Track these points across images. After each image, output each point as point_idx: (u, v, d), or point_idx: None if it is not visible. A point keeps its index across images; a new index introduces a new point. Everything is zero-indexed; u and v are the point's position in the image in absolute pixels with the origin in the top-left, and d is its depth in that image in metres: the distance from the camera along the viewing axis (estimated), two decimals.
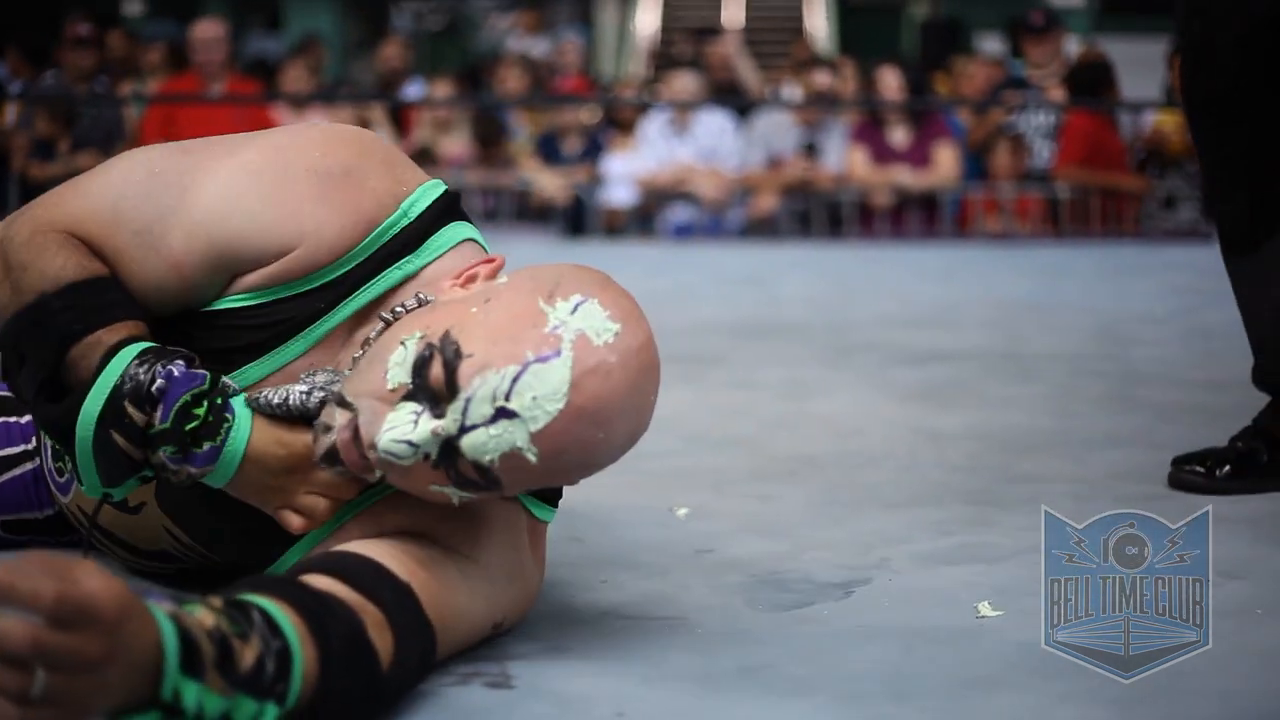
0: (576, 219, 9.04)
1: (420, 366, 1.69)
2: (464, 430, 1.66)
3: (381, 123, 9.19)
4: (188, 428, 1.76)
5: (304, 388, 1.80)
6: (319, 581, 1.65)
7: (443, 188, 1.93)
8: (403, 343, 1.71)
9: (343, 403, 1.74)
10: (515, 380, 1.65)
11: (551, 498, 2.01)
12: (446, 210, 1.91)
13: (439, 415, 1.67)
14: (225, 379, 1.81)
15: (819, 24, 17.40)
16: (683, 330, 4.63)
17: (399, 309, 1.82)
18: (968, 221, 8.95)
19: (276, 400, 1.80)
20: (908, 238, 8.73)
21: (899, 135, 9.03)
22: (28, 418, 2.22)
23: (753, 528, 2.52)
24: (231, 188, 1.84)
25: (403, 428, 1.68)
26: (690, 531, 2.52)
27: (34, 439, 2.23)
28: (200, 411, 1.77)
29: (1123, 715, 1.66)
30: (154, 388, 1.75)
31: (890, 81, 9.09)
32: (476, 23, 17.50)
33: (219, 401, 1.78)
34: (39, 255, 1.82)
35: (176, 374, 1.75)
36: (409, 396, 1.69)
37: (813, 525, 2.54)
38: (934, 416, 3.45)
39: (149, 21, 15.10)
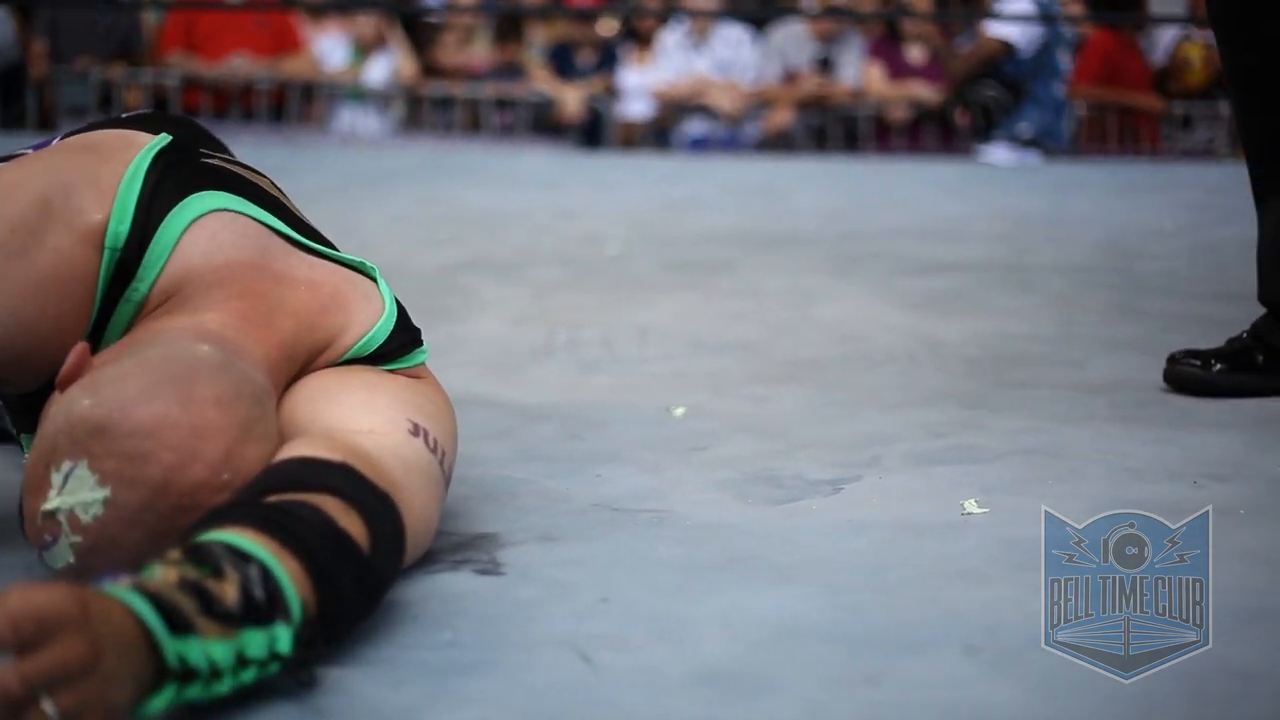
0: (592, 132, 9.02)
1: None
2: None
3: (398, 36, 9.16)
4: None
5: None
6: (263, 497, 1.62)
7: (141, 170, 1.86)
8: None
9: None
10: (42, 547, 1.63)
11: (412, 343, 1.98)
12: (151, 205, 1.84)
13: None
14: None
15: None
16: (692, 239, 4.64)
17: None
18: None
19: None
20: (924, 153, 8.70)
21: (916, 51, 8.99)
22: None
23: (747, 427, 2.54)
24: None
25: None
26: (685, 430, 2.54)
27: None
28: None
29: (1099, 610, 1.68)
30: None
31: None
32: None
33: None
34: None
35: None
36: None
37: (807, 425, 2.56)
38: (935, 324, 3.46)
39: None
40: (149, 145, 1.88)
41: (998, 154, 8.27)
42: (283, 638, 1.47)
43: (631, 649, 1.59)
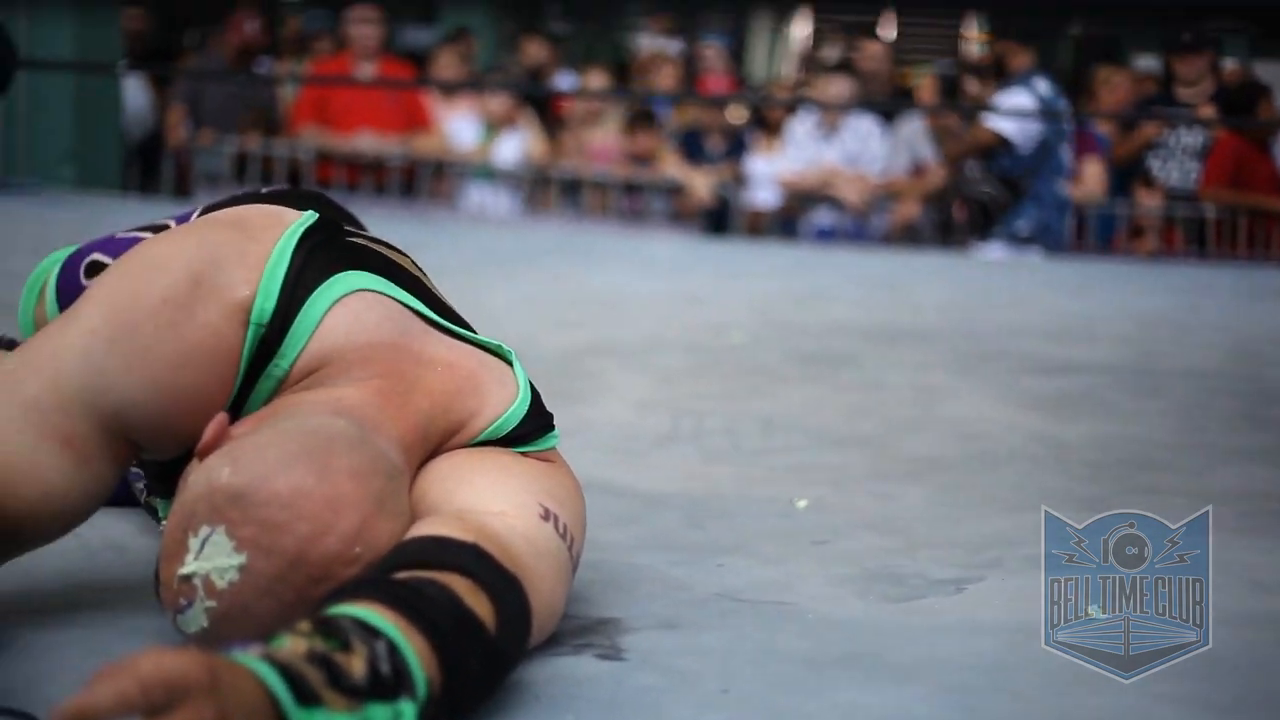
0: (719, 218, 9.06)
1: None
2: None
3: (529, 116, 9.26)
4: None
5: None
6: (392, 574, 1.64)
7: (289, 248, 1.89)
8: None
9: None
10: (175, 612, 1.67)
11: (544, 428, 2.00)
12: (297, 284, 1.87)
13: None
14: None
15: (972, 36, 17.31)
16: (816, 330, 4.66)
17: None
18: (1115, 244, 8.86)
19: None
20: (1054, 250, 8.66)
21: None
22: None
23: (870, 523, 2.55)
24: (97, 365, 1.81)
25: None
26: (808, 523, 2.55)
27: None
28: None
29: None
30: None
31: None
32: (627, 23, 17.56)
33: None
34: None
35: None
36: None
37: (929, 524, 2.57)
38: (1059, 425, 3.45)
39: (306, 11, 15.29)
40: (296, 224, 1.92)
41: (993, 251, 8.22)
42: (407, 713, 1.48)
43: None
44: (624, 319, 4.67)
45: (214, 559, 1.63)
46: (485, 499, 1.82)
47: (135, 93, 9.45)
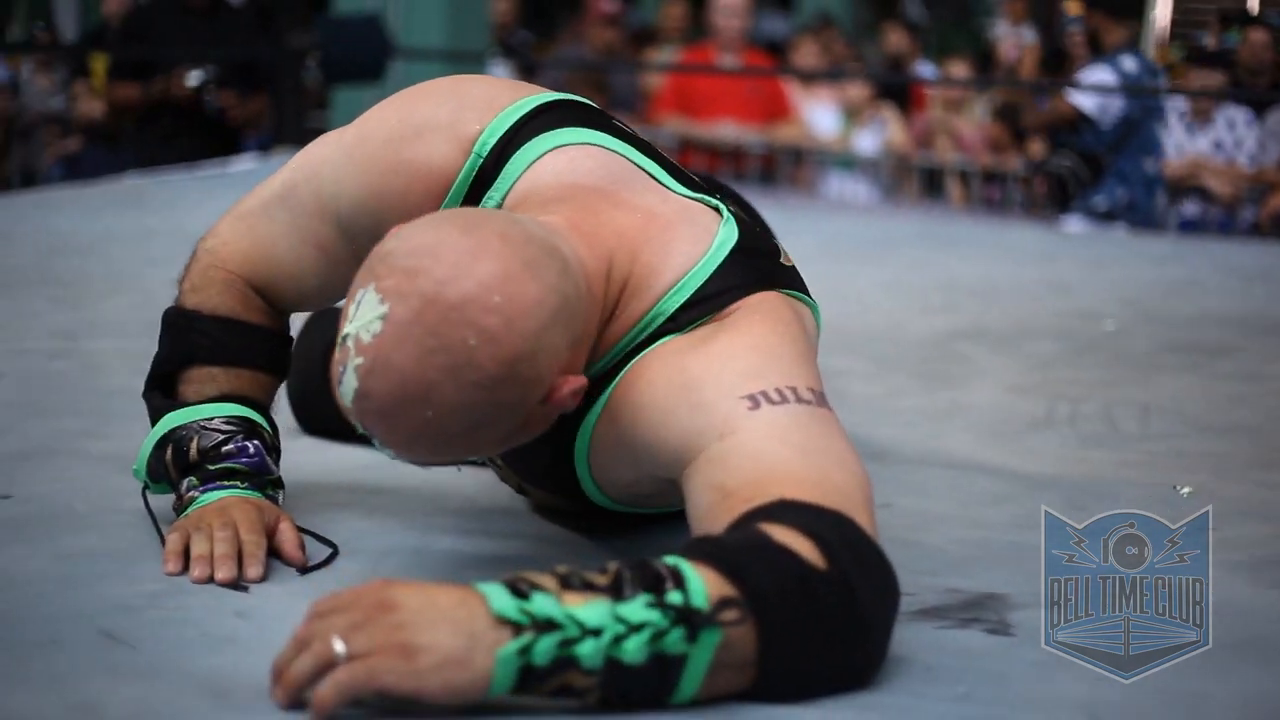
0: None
1: None
2: None
3: (890, 106, 9.23)
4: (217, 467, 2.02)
5: None
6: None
7: (531, 105, 1.95)
8: None
9: None
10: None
11: (747, 284, 1.88)
12: (524, 128, 1.93)
13: None
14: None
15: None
16: (1189, 320, 4.56)
17: None
18: None
19: None
20: None
21: None
22: None
23: (1255, 511, 2.49)
24: (337, 170, 2.00)
25: None
26: (1193, 509, 2.50)
27: None
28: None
29: None
30: (224, 448, 2.00)
31: None
32: (988, 11, 17.36)
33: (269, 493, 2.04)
34: (207, 285, 2.07)
35: (251, 450, 2.02)
36: None
37: None
38: None
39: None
40: (554, 94, 1.99)
41: (1072, 225, 7.87)
42: (675, 596, 1.49)
43: None
44: (991, 305, 4.63)
45: (363, 316, 1.65)
46: (691, 440, 1.75)
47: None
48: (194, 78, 6.96)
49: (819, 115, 9.35)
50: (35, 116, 9.04)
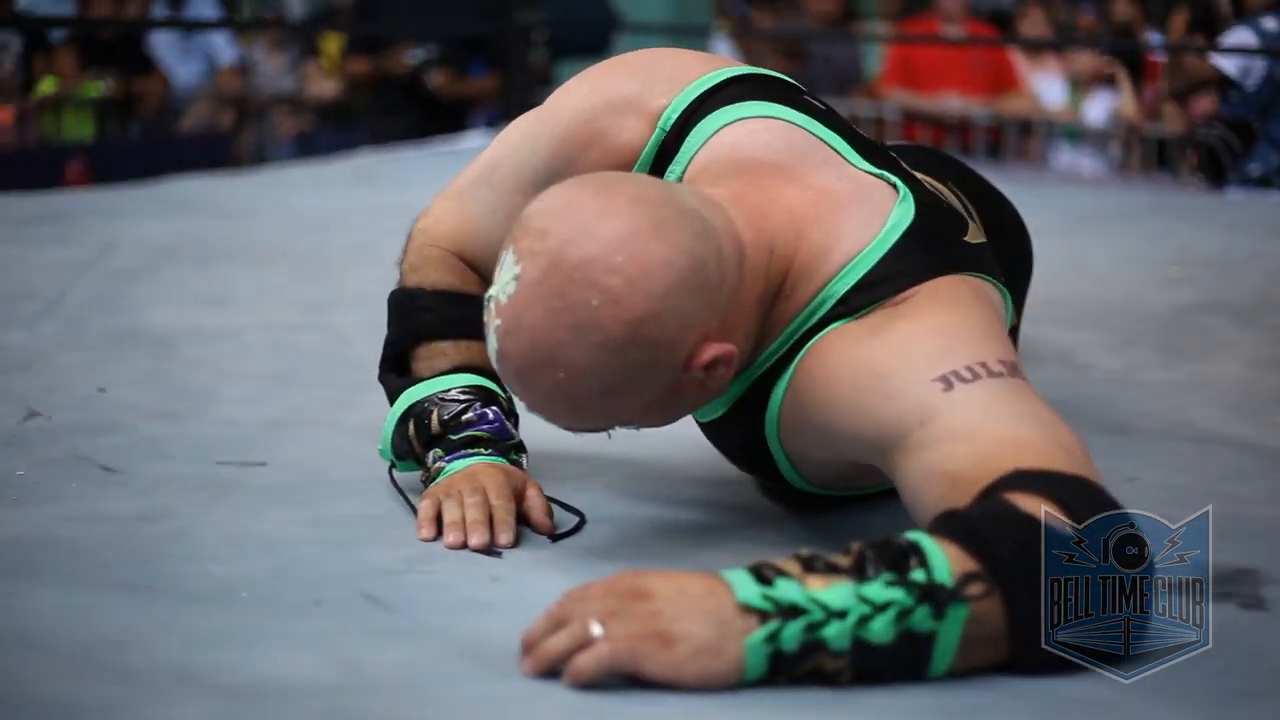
0: None
1: None
2: None
3: (1121, 75, 9.07)
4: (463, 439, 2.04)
5: None
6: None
7: (718, 78, 1.95)
8: None
9: None
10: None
11: (923, 269, 1.83)
12: (707, 102, 1.93)
13: None
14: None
15: None
16: None
17: None
18: None
19: None
20: None
21: None
22: None
23: None
24: (534, 145, 2.03)
25: None
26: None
27: None
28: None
29: None
30: (464, 417, 2.03)
31: None
32: None
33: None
34: (425, 263, 2.12)
35: (490, 416, 2.04)
36: None
37: None
38: None
39: None
40: (746, 68, 1.99)
41: (1233, 194, 7.52)
42: (918, 574, 1.48)
43: None
44: (1230, 277, 4.53)
45: (502, 278, 1.69)
46: (889, 429, 1.73)
47: (724, 54, 9.68)
48: (414, 55, 7.06)
49: (1045, 86, 9.22)
50: (267, 98, 9.23)
